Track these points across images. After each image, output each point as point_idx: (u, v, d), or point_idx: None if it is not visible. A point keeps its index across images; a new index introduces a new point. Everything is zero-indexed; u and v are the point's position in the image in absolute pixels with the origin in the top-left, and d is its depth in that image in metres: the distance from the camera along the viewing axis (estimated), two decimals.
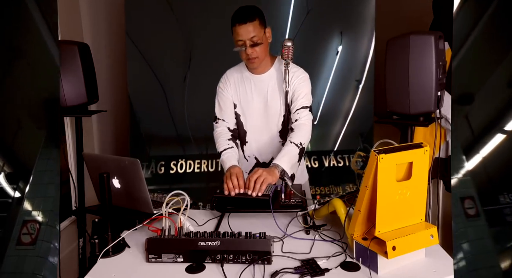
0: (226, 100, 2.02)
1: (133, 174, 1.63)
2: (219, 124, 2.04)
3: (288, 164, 1.82)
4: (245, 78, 2.00)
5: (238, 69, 2.04)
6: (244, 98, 2.01)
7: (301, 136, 1.88)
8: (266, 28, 1.89)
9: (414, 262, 1.38)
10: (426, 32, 2.14)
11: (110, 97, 3.27)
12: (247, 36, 1.82)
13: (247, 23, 1.81)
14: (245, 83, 2.00)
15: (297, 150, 1.86)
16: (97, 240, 1.48)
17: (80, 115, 2.47)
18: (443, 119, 2.44)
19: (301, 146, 1.87)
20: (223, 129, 2.02)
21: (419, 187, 1.38)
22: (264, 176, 1.71)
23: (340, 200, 1.53)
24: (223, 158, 1.93)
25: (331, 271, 1.33)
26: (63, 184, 2.75)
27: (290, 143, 1.87)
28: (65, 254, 2.67)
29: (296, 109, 1.93)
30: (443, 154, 2.63)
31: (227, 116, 2.03)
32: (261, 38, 1.85)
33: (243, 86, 2.01)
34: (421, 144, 1.36)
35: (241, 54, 1.90)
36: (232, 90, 2.02)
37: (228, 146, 1.97)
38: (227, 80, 2.03)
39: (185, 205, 1.50)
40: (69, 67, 2.29)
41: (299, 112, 1.92)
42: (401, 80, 2.12)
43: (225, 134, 2.01)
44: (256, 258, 1.36)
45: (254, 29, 1.82)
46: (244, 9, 1.86)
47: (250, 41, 1.83)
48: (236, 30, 1.83)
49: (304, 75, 1.97)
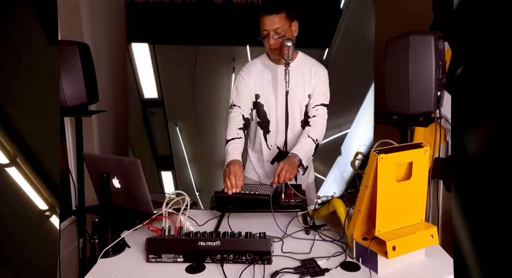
0: (245, 89, 2.03)
1: (133, 174, 1.63)
2: (234, 110, 2.05)
3: (306, 155, 1.89)
4: (268, 69, 2.03)
5: (259, 61, 2.06)
6: (268, 87, 2.02)
7: (318, 133, 1.97)
8: (293, 22, 1.91)
9: (414, 262, 1.38)
10: (426, 32, 2.14)
11: (110, 97, 3.27)
12: (271, 27, 1.85)
13: (273, 14, 1.84)
14: (269, 73, 2.02)
15: (313, 144, 1.94)
16: (97, 240, 1.48)
17: (80, 115, 2.47)
18: (443, 119, 2.44)
19: (317, 141, 1.96)
20: (237, 116, 2.03)
21: (419, 187, 1.38)
22: (289, 169, 1.77)
23: (340, 200, 1.53)
24: (228, 148, 1.94)
25: (331, 271, 1.33)
26: (63, 184, 2.75)
27: (308, 137, 1.94)
28: (65, 254, 2.66)
29: (315, 104, 2.00)
30: (443, 154, 2.63)
31: (243, 103, 2.04)
32: (285, 30, 1.87)
33: (267, 76, 2.02)
34: (421, 143, 1.36)
35: (264, 43, 1.94)
36: (254, 80, 2.03)
37: (237, 135, 1.97)
38: (250, 70, 2.05)
39: (185, 205, 1.50)
40: (69, 67, 2.28)
41: (318, 109, 2.00)
42: (401, 80, 2.12)
43: (238, 122, 2.01)
44: (256, 258, 1.36)
45: (280, 21, 1.85)
46: (273, 0, 1.90)
47: (274, 32, 1.86)
48: (262, 20, 1.87)
49: (325, 72, 2.04)
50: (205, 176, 3.25)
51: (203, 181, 3.24)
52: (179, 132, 3.24)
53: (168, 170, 3.27)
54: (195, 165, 3.25)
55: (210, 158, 3.22)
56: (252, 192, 1.73)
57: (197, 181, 3.24)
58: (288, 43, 1.82)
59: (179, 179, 3.24)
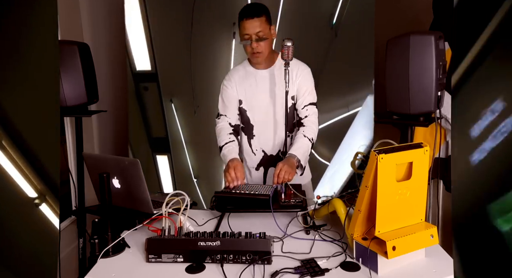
0: (230, 97, 2.07)
1: (133, 174, 1.63)
2: (221, 119, 2.09)
3: (303, 155, 1.92)
4: (249, 74, 2.06)
5: (241, 67, 2.10)
6: (250, 93, 2.06)
7: (313, 132, 1.99)
8: (271, 26, 1.95)
9: (414, 262, 1.38)
10: (426, 32, 2.14)
11: (110, 97, 3.27)
12: (253, 31, 1.88)
13: (254, 18, 1.87)
14: (250, 79, 2.05)
15: (310, 144, 1.97)
16: (97, 240, 1.48)
17: (80, 115, 2.47)
18: (443, 119, 2.44)
19: (312, 140, 1.98)
20: (225, 125, 2.07)
21: (419, 187, 1.38)
22: (288, 170, 1.79)
23: (340, 200, 1.53)
24: (224, 151, 1.98)
25: (331, 271, 1.33)
26: (63, 184, 2.75)
27: (304, 136, 1.96)
28: (65, 254, 2.66)
29: (304, 105, 2.02)
30: (443, 154, 2.63)
31: (230, 112, 2.07)
32: (267, 34, 1.91)
33: (248, 81, 2.06)
34: (421, 143, 1.36)
35: (246, 48, 1.96)
36: (237, 87, 2.07)
37: (229, 139, 2.02)
38: (232, 77, 2.08)
39: (185, 205, 1.51)
40: (69, 67, 2.29)
41: (308, 109, 2.02)
42: (401, 80, 2.12)
43: (226, 129, 2.06)
44: (256, 258, 1.36)
45: (261, 24, 1.88)
46: (252, 5, 1.95)
47: (255, 36, 1.89)
48: (243, 25, 1.89)
49: (307, 70, 2.05)
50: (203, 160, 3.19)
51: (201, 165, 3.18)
52: (175, 111, 3.17)
53: (164, 154, 3.21)
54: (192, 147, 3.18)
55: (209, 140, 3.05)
56: (252, 192, 1.73)
57: (194, 166, 3.18)
58: (288, 43, 1.83)
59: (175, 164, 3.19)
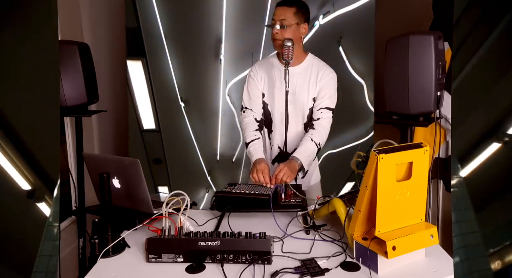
0: (256, 90, 2.07)
1: (133, 174, 1.63)
2: (246, 114, 2.09)
3: (307, 160, 1.91)
4: (275, 68, 2.05)
5: (268, 60, 2.10)
6: (273, 87, 2.05)
7: (320, 137, 1.97)
8: (303, 23, 1.97)
9: (414, 262, 1.38)
10: (426, 32, 2.14)
11: (110, 97, 3.27)
12: (278, 17, 1.93)
13: (284, 6, 1.93)
14: (275, 72, 2.05)
15: (315, 148, 1.95)
16: (97, 240, 1.48)
17: (80, 115, 2.47)
18: (443, 119, 2.44)
19: (319, 146, 1.96)
20: (251, 120, 2.07)
21: (419, 187, 1.38)
22: (288, 173, 1.79)
23: (340, 200, 1.53)
24: (250, 149, 1.99)
25: (331, 271, 1.33)
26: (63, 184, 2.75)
27: (311, 140, 1.94)
28: (65, 254, 2.66)
29: (320, 107, 2.00)
30: (443, 154, 2.63)
31: (255, 106, 2.08)
32: (291, 23, 1.92)
33: (273, 75, 2.05)
34: (421, 143, 1.36)
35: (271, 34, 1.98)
36: (262, 79, 2.07)
37: (255, 137, 2.02)
38: (258, 69, 2.08)
39: (185, 205, 1.51)
40: (69, 67, 2.28)
41: (323, 112, 2.00)
42: (401, 80, 2.12)
43: (253, 125, 2.06)
44: (256, 258, 1.36)
45: (287, 13, 1.92)
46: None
47: (279, 22, 1.92)
48: (274, 11, 1.96)
49: (333, 75, 2.04)
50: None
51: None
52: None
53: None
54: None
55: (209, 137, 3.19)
56: (252, 192, 1.73)
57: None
58: (288, 43, 1.82)
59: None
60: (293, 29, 1.93)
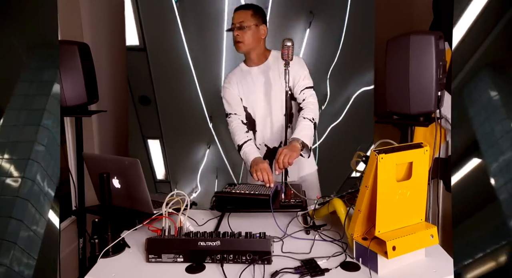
0: (232, 96, 2.14)
1: (133, 174, 1.63)
2: (232, 118, 2.14)
3: (307, 137, 1.94)
4: (245, 73, 2.14)
5: (237, 68, 2.19)
6: (247, 90, 2.13)
7: (312, 112, 2.02)
8: (262, 25, 2.07)
9: (414, 262, 1.38)
10: (426, 32, 2.14)
11: (110, 97, 3.27)
12: (237, 20, 2.04)
13: (241, 10, 2.07)
14: (246, 77, 2.14)
15: (311, 124, 1.98)
16: (97, 240, 1.48)
17: (80, 115, 2.47)
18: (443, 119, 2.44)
19: (313, 120, 2.00)
20: (238, 123, 2.12)
21: (419, 187, 1.38)
22: (288, 153, 1.82)
23: (340, 200, 1.53)
24: (245, 150, 2.03)
25: (331, 271, 1.33)
26: (63, 184, 2.75)
27: (304, 118, 1.99)
28: (65, 254, 2.66)
29: (300, 90, 2.07)
30: (443, 154, 2.63)
31: (238, 109, 2.14)
32: (249, 25, 2.02)
33: (245, 80, 2.14)
34: (421, 143, 1.36)
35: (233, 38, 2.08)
36: (236, 87, 2.14)
37: (247, 138, 2.07)
38: (230, 80, 2.17)
39: (185, 205, 1.51)
40: (69, 67, 2.28)
41: (305, 92, 2.07)
42: (401, 80, 2.11)
43: (242, 128, 2.11)
44: (256, 258, 1.36)
45: (245, 16, 2.03)
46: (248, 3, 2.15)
47: (238, 24, 2.03)
48: (233, 16, 2.07)
49: (299, 59, 2.13)
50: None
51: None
52: None
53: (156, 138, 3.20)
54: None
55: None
56: (252, 192, 1.73)
57: None
58: (288, 43, 1.85)
59: None
60: (252, 30, 2.03)
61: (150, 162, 3.22)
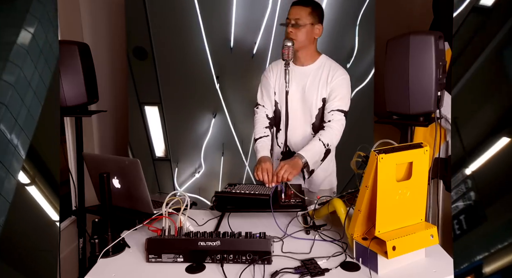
0: (269, 88, 2.10)
1: (133, 174, 1.63)
2: (259, 110, 2.14)
3: (312, 158, 1.89)
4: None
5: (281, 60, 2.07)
6: (283, 86, 2.01)
7: (330, 138, 1.94)
8: (317, 24, 1.98)
9: (414, 262, 1.38)
10: (426, 32, 2.14)
11: (110, 97, 3.27)
12: (293, 16, 1.94)
13: (299, 6, 1.95)
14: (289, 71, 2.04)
15: (323, 148, 1.92)
16: (97, 240, 1.48)
17: (80, 115, 2.47)
18: (443, 119, 2.44)
19: (327, 146, 1.93)
20: (262, 116, 2.11)
21: (419, 187, 1.38)
22: (289, 169, 1.78)
23: (340, 200, 1.53)
24: (257, 145, 2.03)
25: (331, 271, 1.33)
26: (63, 184, 2.75)
27: (319, 140, 1.93)
28: (65, 254, 2.66)
29: (331, 109, 1.98)
30: (443, 154, 2.63)
31: (267, 103, 2.12)
32: (305, 23, 1.93)
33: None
34: (421, 143, 1.36)
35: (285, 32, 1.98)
36: (274, 78, 2.10)
37: (264, 134, 2.06)
38: (272, 69, 2.12)
39: (185, 205, 1.51)
40: (69, 67, 2.28)
41: (334, 114, 1.97)
42: (401, 80, 2.11)
43: (264, 121, 2.10)
44: (256, 258, 1.36)
45: (302, 13, 1.93)
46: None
47: (294, 21, 1.93)
48: (289, 10, 1.97)
49: (346, 76, 2.03)
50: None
51: None
52: None
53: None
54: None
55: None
56: (252, 192, 1.73)
57: None
58: (288, 43, 1.83)
59: None
60: (307, 29, 1.94)
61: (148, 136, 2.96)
